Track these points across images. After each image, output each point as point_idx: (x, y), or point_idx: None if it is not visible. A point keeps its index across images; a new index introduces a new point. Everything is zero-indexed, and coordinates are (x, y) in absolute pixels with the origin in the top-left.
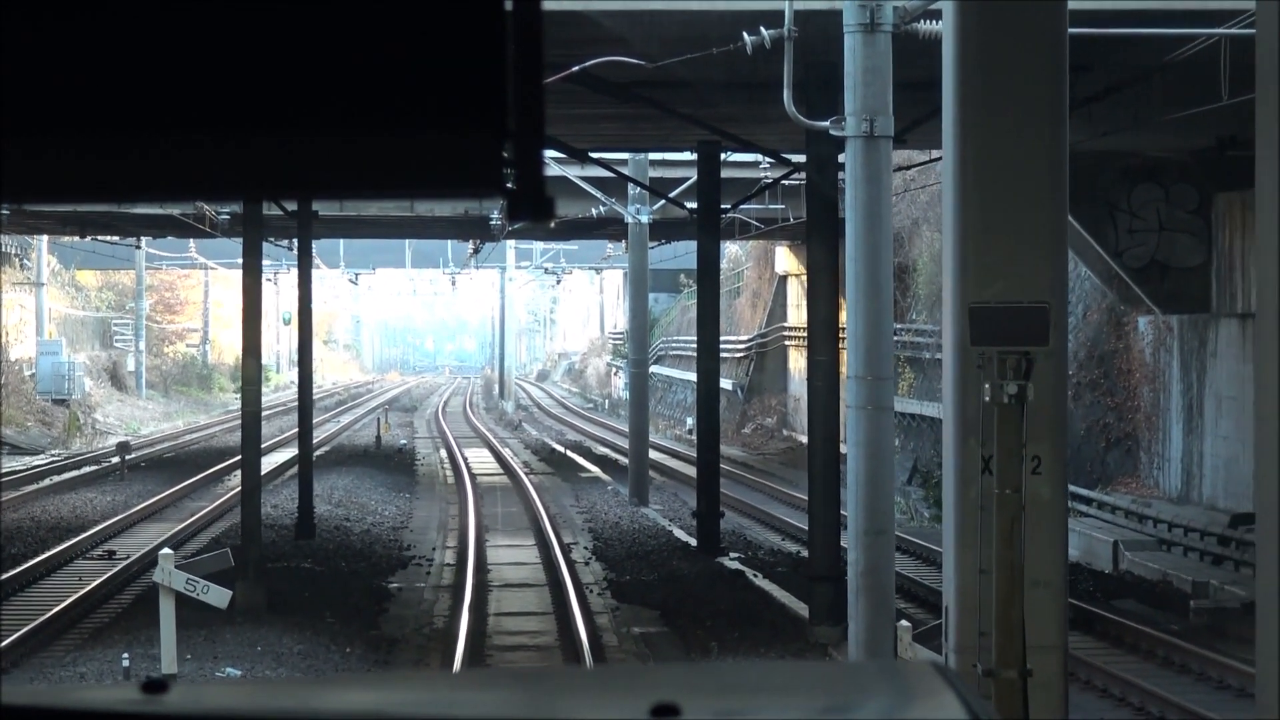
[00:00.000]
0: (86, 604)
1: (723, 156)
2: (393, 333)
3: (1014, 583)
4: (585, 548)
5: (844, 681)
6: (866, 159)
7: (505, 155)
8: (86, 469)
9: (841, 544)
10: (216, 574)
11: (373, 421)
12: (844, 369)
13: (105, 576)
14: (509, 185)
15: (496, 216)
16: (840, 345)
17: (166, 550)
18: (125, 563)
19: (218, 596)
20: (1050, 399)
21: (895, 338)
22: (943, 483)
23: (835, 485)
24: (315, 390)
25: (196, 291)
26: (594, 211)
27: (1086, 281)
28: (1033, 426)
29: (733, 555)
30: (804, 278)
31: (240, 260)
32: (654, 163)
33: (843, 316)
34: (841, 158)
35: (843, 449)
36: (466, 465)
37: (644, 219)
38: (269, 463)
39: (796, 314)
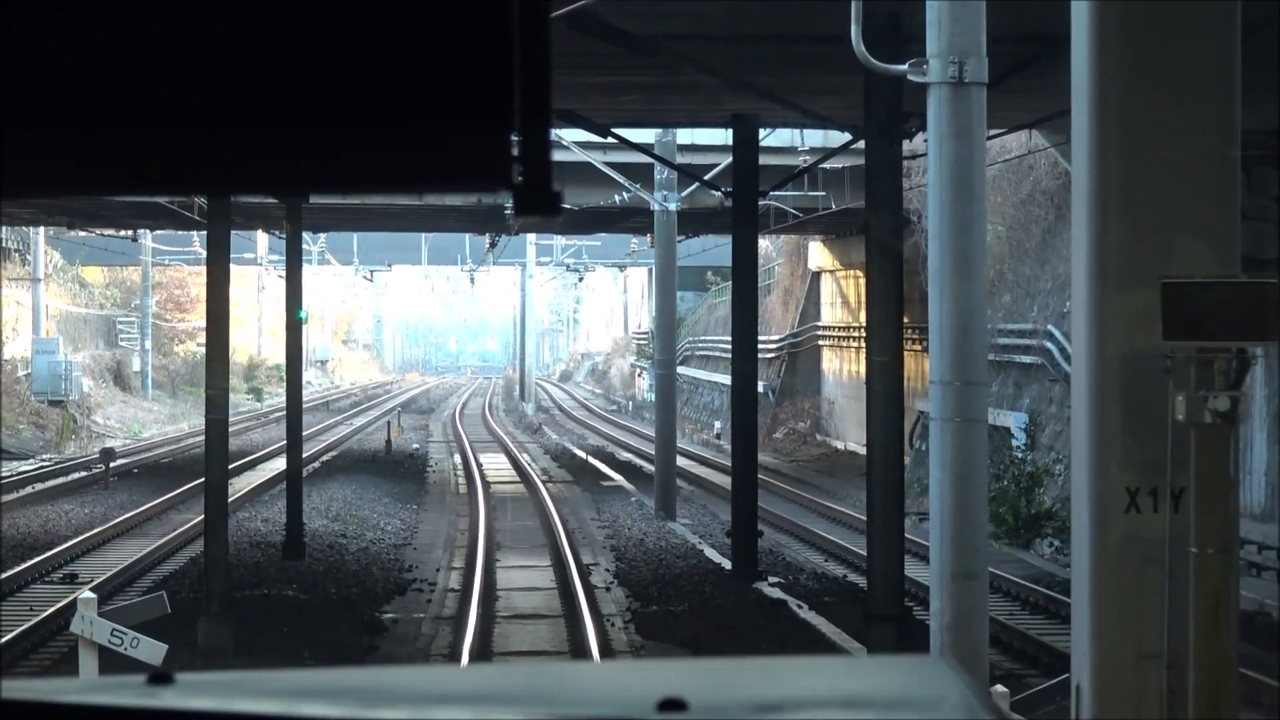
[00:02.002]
0: (27, 643)
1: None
2: (415, 332)
3: (1224, 687)
4: (606, 569)
5: (850, 675)
6: (955, 111)
7: (511, 147)
8: (74, 475)
9: (905, 573)
10: (151, 623)
11: (387, 424)
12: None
13: (56, 608)
14: (516, 179)
15: (510, 206)
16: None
17: (87, 594)
18: (86, 587)
19: (149, 651)
20: None
21: None
22: (1071, 522)
23: (898, 506)
24: (331, 391)
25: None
26: (617, 199)
27: None
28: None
29: (772, 580)
30: (839, 274)
31: (245, 255)
32: (682, 148)
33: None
34: (908, 139)
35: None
36: (481, 473)
37: (671, 207)
38: (270, 469)
39: (830, 312)
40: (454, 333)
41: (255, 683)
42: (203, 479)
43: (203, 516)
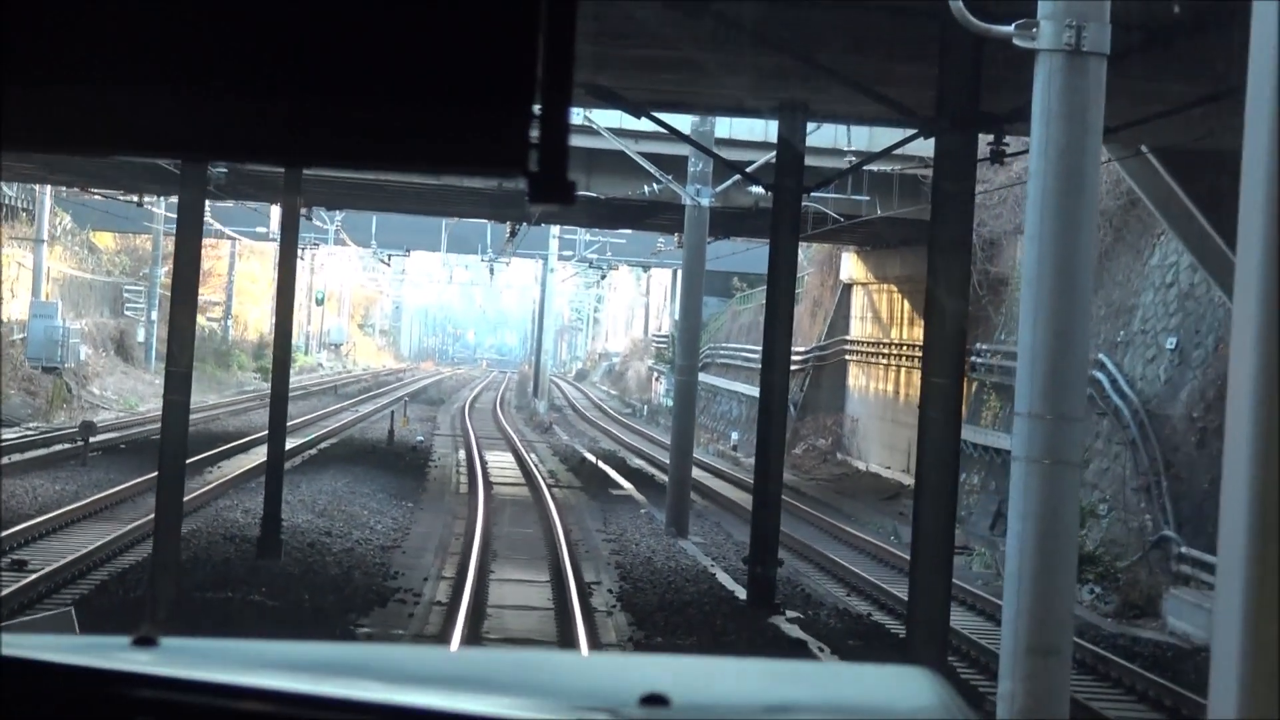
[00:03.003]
0: None
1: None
2: (433, 321)
3: None
4: (609, 590)
5: (835, 681)
6: (1068, 85)
7: (529, 132)
8: (57, 448)
9: (951, 625)
10: (89, 630)
11: (391, 414)
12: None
13: None
14: (531, 166)
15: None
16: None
17: None
18: (32, 578)
19: None
20: None
21: (979, 359)
22: (1217, 585)
23: (947, 549)
24: (342, 375)
25: (225, 263)
26: (646, 190)
27: (1221, 308)
28: None
29: (790, 616)
30: (872, 287)
31: (258, 229)
32: (718, 142)
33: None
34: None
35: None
36: (485, 472)
37: (704, 202)
38: (261, 455)
39: (860, 326)
40: (472, 324)
41: (238, 651)
42: (192, 458)
43: (181, 500)
